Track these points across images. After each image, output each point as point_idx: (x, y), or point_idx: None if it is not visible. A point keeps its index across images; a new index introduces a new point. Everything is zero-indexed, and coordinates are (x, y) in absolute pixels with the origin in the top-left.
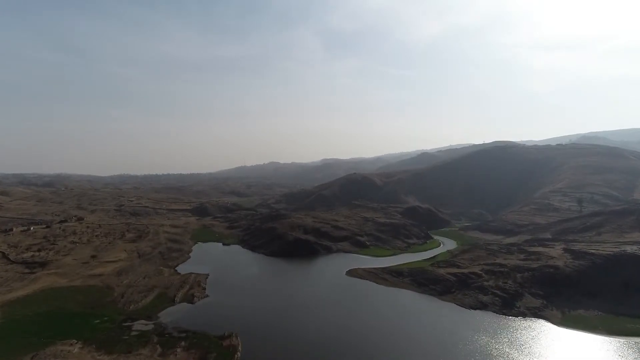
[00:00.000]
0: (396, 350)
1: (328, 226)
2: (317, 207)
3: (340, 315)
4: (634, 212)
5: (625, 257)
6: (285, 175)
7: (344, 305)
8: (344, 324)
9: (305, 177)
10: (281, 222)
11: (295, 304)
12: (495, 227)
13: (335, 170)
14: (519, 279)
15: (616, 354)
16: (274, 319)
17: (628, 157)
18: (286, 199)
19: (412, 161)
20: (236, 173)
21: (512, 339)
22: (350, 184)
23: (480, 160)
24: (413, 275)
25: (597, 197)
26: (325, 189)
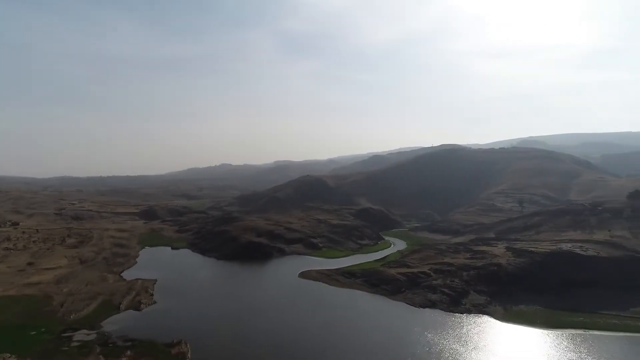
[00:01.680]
0: (350, 350)
1: (281, 228)
2: (271, 210)
3: (294, 318)
4: (569, 212)
5: (561, 254)
6: (237, 177)
7: (298, 308)
8: (297, 326)
9: (259, 179)
10: (233, 224)
11: (248, 308)
12: (444, 228)
13: (288, 172)
14: (465, 277)
15: (552, 345)
16: (226, 323)
17: (564, 161)
18: (239, 201)
19: (364, 163)
20: (187, 175)
21: (458, 334)
22: (304, 186)
23: (429, 163)
24: (365, 276)
25: (536, 198)
26: (279, 191)
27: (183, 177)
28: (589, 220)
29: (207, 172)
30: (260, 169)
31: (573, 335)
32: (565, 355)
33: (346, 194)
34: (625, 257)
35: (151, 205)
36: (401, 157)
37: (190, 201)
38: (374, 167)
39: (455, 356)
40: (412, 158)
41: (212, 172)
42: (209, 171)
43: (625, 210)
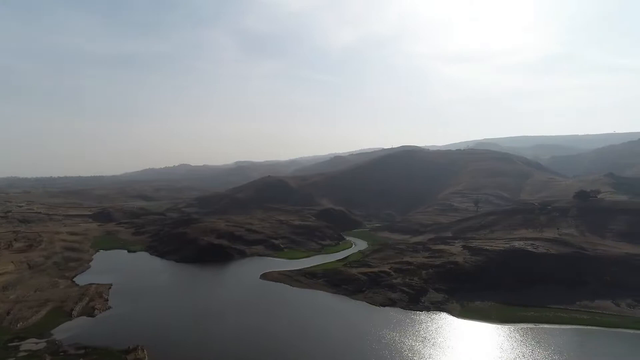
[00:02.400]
0: (312, 351)
1: (242, 230)
2: (231, 211)
3: (256, 320)
4: (521, 212)
5: (514, 252)
6: (197, 178)
7: (259, 310)
8: (259, 328)
9: (219, 180)
10: (193, 226)
11: (208, 311)
12: (403, 227)
13: (249, 173)
14: (424, 276)
15: (505, 339)
16: (186, 328)
17: (516, 162)
18: (198, 202)
19: (326, 164)
20: (143, 176)
21: (417, 332)
22: (265, 187)
23: (389, 164)
24: (327, 276)
25: (491, 198)
26: (240, 192)
27: (139, 178)
28: (539, 219)
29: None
30: (220, 169)
31: (525, 329)
32: (517, 348)
33: (308, 194)
34: (572, 254)
35: (105, 207)
36: (362, 158)
37: (148, 202)
38: (336, 167)
39: (415, 353)
40: (373, 159)
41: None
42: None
43: (571, 209)
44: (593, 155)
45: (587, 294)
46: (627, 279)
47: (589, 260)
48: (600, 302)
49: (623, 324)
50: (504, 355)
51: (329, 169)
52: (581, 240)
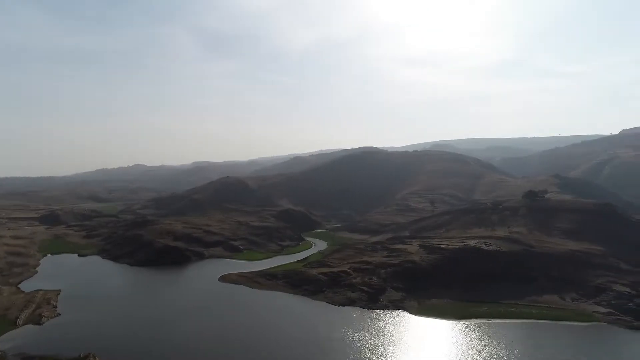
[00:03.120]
0: (272, 352)
1: (200, 231)
2: (189, 212)
3: (214, 323)
4: (475, 211)
5: (468, 250)
6: (153, 179)
7: (218, 313)
8: (217, 332)
9: (176, 181)
10: (148, 228)
11: (164, 316)
12: (363, 227)
13: (208, 173)
14: (383, 275)
15: (460, 334)
16: (141, 333)
17: (470, 163)
18: (154, 204)
19: (285, 165)
20: (96, 176)
21: (376, 330)
22: (224, 188)
23: (349, 165)
24: (286, 277)
25: (446, 198)
26: (198, 193)
27: (92, 179)
28: (491, 218)
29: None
30: (177, 170)
31: (478, 324)
32: (471, 343)
33: (267, 195)
34: (521, 251)
35: (54, 209)
36: (322, 159)
37: (100, 204)
38: (295, 168)
39: (374, 351)
40: (332, 160)
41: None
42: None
43: (521, 208)
44: (541, 157)
45: (535, 289)
46: (572, 274)
47: (537, 257)
48: (548, 297)
49: (568, 317)
50: (460, 350)
51: (288, 169)
52: (530, 238)
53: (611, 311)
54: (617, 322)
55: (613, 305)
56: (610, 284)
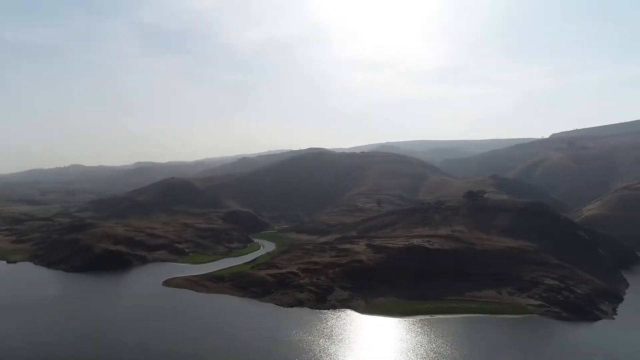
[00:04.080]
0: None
1: (143, 234)
2: (131, 215)
3: (158, 330)
4: (419, 211)
5: (413, 248)
6: (92, 180)
7: (160, 319)
8: (161, 339)
9: (117, 182)
10: (86, 232)
11: (102, 325)
12: (311, 228)
13: (151, 174)
14: (331, 275)
15: (406, 331)
16: (78, 344)
17: (415, 165)
18: (93, 206)
19: (233, 166)
20: (28, 177)
21: (324, 329)
22: (169, 189)
23: (297, 166)
24: (234, 280)
25: (392, 199)
26: (140, 194)
27: (24, 180)
28: (434, 217)
29: (53, 174)
30: (118, 170)
31: (423, 320)
32: (416, 339)
33: (214, 196)
34: (462, 249)
35: None
36: (270, 160)
37: (33, 207)
38: (243, 169)
39: (322, 351)
40: (281, 160)
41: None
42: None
43: (462, 208)
44: (480, 159)
45: (475, 285)
46: (508, 270)
47: (476, 254)
48: (486, 292)
49: (504, 310)
50: (405, 346)
51: (236, 170)
52: (470, 237)
53: (542, 303)
54: (548, 313)
55: (544, 298)
56: (541, 278)
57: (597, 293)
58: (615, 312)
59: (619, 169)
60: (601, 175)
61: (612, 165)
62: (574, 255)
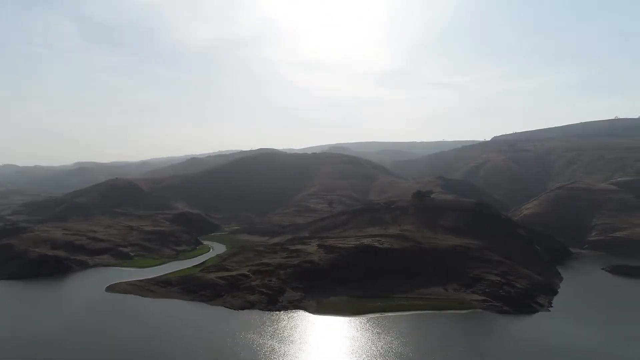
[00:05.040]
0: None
1: (84, 238)
2: (71, 217)
3: (99, 340)
4: (369, 211)
5: (363, 248)
6: (26, 181)
7: (103, 328)
8: (105, 348)
9: (55, 183)
10: (20, 237)
11: (37, 337)
12: (262, 229)
13: (93, 175)
14: (282, 276)
15: (356, 330)
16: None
17: (365, 166)
18: (28, 209)
19: (181, 166)
20: None
21: (275, 331)
22: (112, 191)
23: (248, 166)
24: (182, 283)
25: (343, 199)
26: (81, 196)
27: None
28: (384, 217)
29: None
30: (57, 171)
31: (373, 318)
32: (366, 337)
33: (162, 198)
34: (411, 248)
35: None
36: (220, 160)
37: None
38: (192, 169)
39: (274, 352)
40: (231, 161)
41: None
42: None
43: (410, 207)
44: (427, 160)
45: (423, 282)
46: (453, 267)
47: (424, 252)
48: (433, 289)
49: (451, 306)
50: (356, 344)
51: (185, 170)
52: (418, 235)
53: (485, 298)
54: (490, 307)
55: (487, 293)
56: (484, 274)
57: (534, 287)
58: (550, 304)
59: (553, 170)
60: (538, 176)
61: (547, 166)
62: (514, 252)
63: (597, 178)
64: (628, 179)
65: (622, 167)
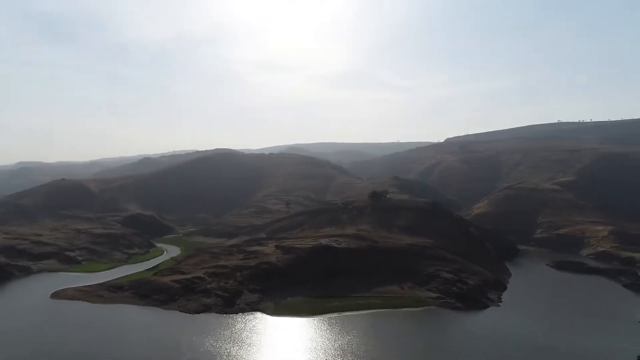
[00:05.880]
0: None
1: (27, 242)
2: (12, 221)
3: (46, 350)
4: (327, 211)
5: (321, 248)
6: None
7: (49, 335)
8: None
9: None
10: None
11: None
12: (219, 231)
13: (37, 175)
14: (239, 278)
15: (314, 330)
16: None
17: (323, 166)
18: None
19: (134, 166)
20: None
21: (232, 334)
22: (59, 192)
23: (204, 167)
24: (134, 288)
25: (301, 200)
26: (24, 197)
27: None
28: (341, 217)
29: None
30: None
31: (331, 318)
32: (324, 337)
33: (112, 199)
34: (367, 247)
35: None
36: (175, 160)
37: None
38: (145, 170)
39: (230, 356)
40: (187, 161)
41: None
42: None
43: (367, 207)
44: (383, 161)
45: (379, 281)
46: (409, 266)
47: (380, 251)
48: (390, 287)
49: (406, 304)
50: (314, 345)
51: (138, 171)
52: (374, 235)
53: (439, 295)
54: (444, 304)
55: (441, 290)
56: (438, 272)
57: (485, 283)
58: (500, 299)
59: (502, 171)
60: (488, 176)
61: (497, 167)
62: (466, 250)
63: (542, 178)
64: (569, 179)
65: (564, 169)
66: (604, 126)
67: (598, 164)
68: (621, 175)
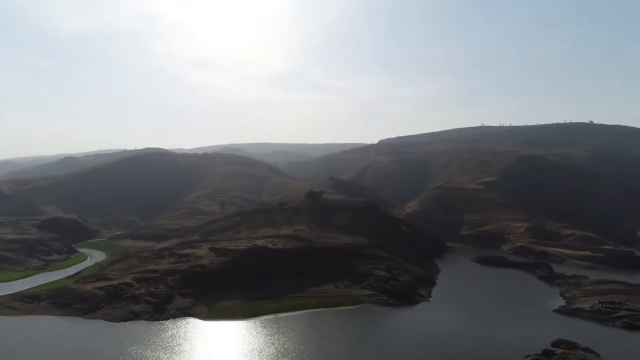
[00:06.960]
0: None
1: None
2: None
3: None
4: (262, 212)
5: (256, 249)
6: None
7: None
8: None
9: None
10: None
11: None
12: (148, 234)
13: None
14: (171, 283)
15: (249, 333)
16: None
17: (258, 167)
18: None
19: (53, 166)
20: None
21: (162, 341)
22: None
23: (132, 167)
24: (52, 297)
25: (236, 200)
26: None
27: None
28: (277, 218)
29: None
30: None
31: (267, 320)
32: (259, 339)
33: (28, 202)
34: (303, 247)
35: None
36: (100, 160)
37: None
38: (67, 170)
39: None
40: (113, 161)
41: None
42: None
43: (303, 208)
44: (319, 162)
45: (315, 280)
46: (344, 265)
47: (316, 251)
48: (325, 286)
49: (342, 302)
50: (249, 348)
51: (57, 171)
52: (310, 235)
53: (374, 293)
54: (378, 301)
55: (374, 288)
56: (372, 270)
57: (416, 280)
58: (430, 295)
59: (431, 171)
60: (419, 177)
61: (426, 168)
62: (399, 248)
63: (467, 178)
64: (492, 180)
65: (487, 169)
66: (521, 130)
67: (517, 166)
68: (537, 175)
